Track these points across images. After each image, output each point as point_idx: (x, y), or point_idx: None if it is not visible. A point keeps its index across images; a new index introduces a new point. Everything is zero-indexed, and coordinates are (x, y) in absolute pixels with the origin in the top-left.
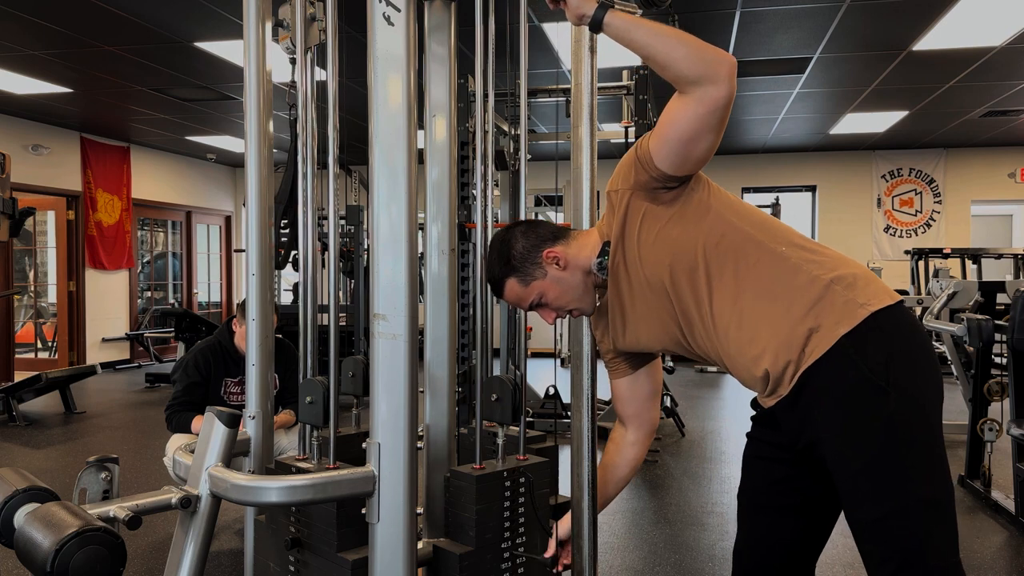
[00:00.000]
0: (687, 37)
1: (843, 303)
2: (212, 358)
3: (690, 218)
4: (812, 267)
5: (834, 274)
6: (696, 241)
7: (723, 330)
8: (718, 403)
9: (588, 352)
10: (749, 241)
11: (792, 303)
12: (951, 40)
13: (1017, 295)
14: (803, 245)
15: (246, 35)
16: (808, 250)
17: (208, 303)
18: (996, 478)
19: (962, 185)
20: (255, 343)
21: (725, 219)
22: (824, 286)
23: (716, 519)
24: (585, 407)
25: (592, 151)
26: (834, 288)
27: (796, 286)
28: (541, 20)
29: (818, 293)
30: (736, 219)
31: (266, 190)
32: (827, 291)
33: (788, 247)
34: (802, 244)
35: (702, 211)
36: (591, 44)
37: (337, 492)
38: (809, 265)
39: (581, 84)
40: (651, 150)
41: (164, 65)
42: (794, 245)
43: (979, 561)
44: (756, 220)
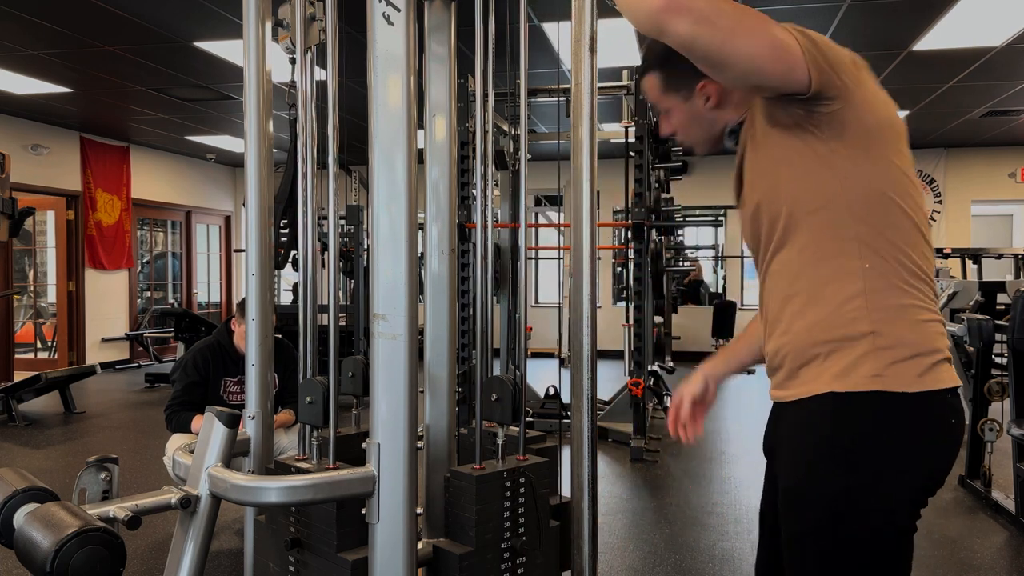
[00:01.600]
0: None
1: (861, 356)
2: (211, 358)
3: (800, 164)
4: (875, 303)
5: (882, 328)
6: (791, 195)
7: (767, 289)
8: (718, 403)
9: (588, 352)
10: (848, 237)
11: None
12: (951, 40)
13: (1017, 295)
14: (906, 276)
15: (246, 35)
16: (903, 284)
17: (208, 303)
18: (996, 478)
19: (962, 185)
20: (255, 343)
21: (845, 187)
22: (860, 329)
23: (716, 519)
24: (585, 407)
25: (592, 151)
26: (868, 339)
27: (841, 311)
28: (541, 20)
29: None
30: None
31: (266, 190)
32: (860, 337)
33: (882, 266)
34: (905, 274)
35: (820, 164)
36: (591, 44)
37: (337, 492)
38: (876, 299)
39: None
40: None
41: (164, 65)
42: (894, 272)
43: (979, 561)
44: (879, 214)
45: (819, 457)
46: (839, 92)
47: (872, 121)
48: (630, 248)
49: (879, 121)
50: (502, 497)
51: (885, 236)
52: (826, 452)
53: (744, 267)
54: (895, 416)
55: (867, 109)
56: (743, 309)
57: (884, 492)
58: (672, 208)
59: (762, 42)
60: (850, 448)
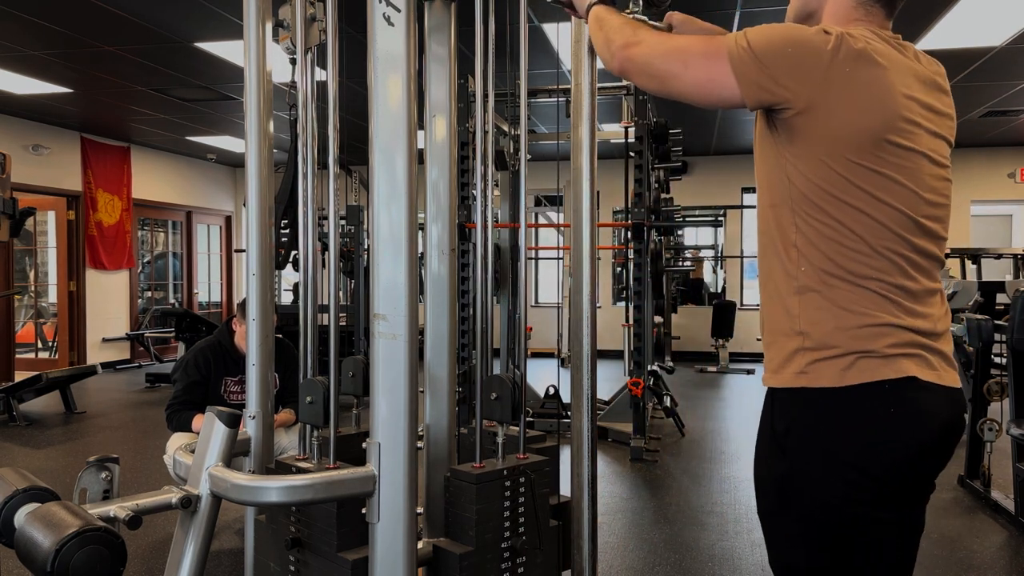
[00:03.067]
0: (606, 31)
1: (791, 354)
2: (212, 357)
3: (765, 158)
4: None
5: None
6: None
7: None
8: (718, 403)
9: (588, 352)
10: (790, 238)
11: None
12: (951, 40)
13: (1016, 295)
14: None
15: (246, 35)
16: (845, 287)
17: (208, 303)
18: (996, 478)
19: (962, 185)
20: (255, 343)
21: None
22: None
23: (716, 519)
24: (585, 407)
25: (592, 151)
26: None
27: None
28: (541, 20)
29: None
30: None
31: (266, 190)
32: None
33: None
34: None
35: (776, 163)
36: (591, 44)
37: (337, 492)
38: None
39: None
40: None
41: (164, 65)
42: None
43: (979, 561)
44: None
45: (762, 445)
46: (788, 102)
47: (840, 125)
48: (630, 248)
49: (853, 123)
50: (502, 496)
51: (832, 239)
52: (767, 441)
53: (744, 267)
54: (818, 409)
55: (834, 113)
56: (743, 309)
57: (818, 479)
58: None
59: (692, 81)
60: (783, 437)
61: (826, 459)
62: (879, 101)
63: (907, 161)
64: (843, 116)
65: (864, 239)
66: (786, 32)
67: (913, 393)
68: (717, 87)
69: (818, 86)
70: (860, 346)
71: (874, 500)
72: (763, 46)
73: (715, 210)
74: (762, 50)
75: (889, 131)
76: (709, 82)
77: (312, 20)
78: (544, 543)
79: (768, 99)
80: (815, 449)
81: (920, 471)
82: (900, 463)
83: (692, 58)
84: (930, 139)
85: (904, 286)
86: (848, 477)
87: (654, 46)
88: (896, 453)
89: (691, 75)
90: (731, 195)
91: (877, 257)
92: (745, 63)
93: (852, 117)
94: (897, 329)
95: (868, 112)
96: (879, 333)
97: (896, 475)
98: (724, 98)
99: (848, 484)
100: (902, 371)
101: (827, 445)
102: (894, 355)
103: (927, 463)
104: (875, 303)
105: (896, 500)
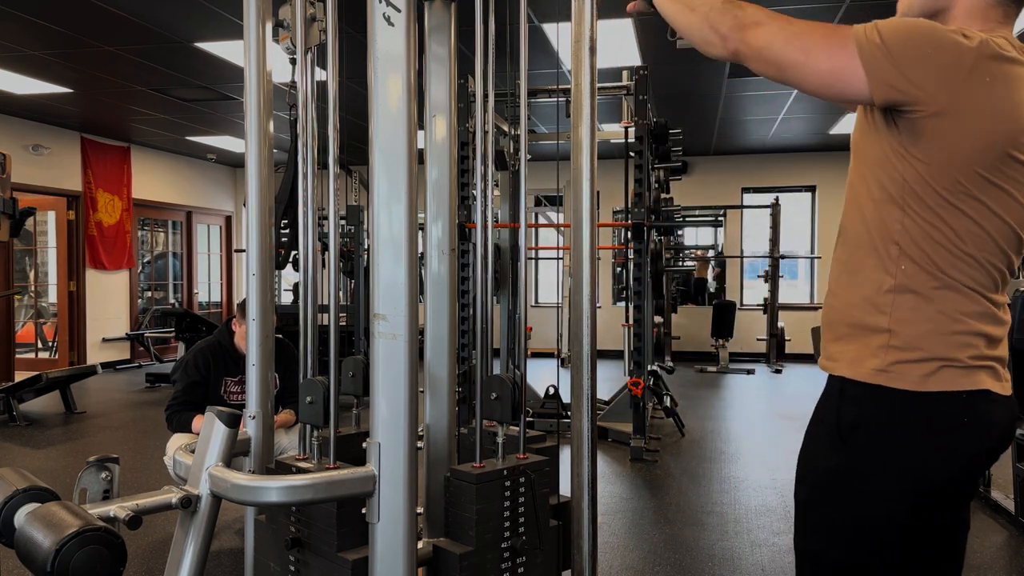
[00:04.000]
0: (703, 9)
1: (875, 349)
2: (212, 357)
3: (879, 150)
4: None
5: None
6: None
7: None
8: (718, 403)
9: (588, 352)
10: (894, 235)
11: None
12: None
13: (1017, 295)
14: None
15: (246, 35)
16: (937, 290)
17: (208, 303)
18: (996, 478)
19: None
20: (255, 343)
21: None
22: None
23: (716, 519)
24: (585, 407)
25: (592, 151)
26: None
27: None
28: (541, 20)
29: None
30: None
31: (266, 190)
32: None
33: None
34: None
35: (892, 158)
36: (591, 44)
37: (337, 492)
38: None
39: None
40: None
41: (164, 65)
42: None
43: (979, 561)
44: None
45: (818, 434)
46: (920, 103)
47: (972, 134)
48: (630, 248)
49: (985, 134)
50: (502, 496)
51: (940, 244)
52: (827, 430)
53: (743, 267)
54: (894, 409)
55: (968, 122)
56: (743, 309)
57: (878, 477)
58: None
59: (816, 71)
60: (848, 430)
61: (892, 459)
62: (1011, 114)
63: (1022, 176)
64: (977, 126)
65: (971, 249)
66: (925, 30)
67: (986, 405)
68: (842, 80)
69: (955, 92)
70: (947, 353)
71: (929, 504)
72: (900, 43)
73: (715, 210)
74: (898, 47)
75: (1015, 146)
76: (833, 74)
77: (312, 20)
78: (544, 543)
79: (898, 98)
80: (882, 447)
81: (976, 477)
82: (962, 471)
83: (816, 47)
84: None
85: (995, 299)
86: (909, 479)
87: (773, 30)
88: (961, 462)
89: (814, 65)
90: (731, 195)
91: (979, 269)
92: (877, 58)
93: (985, 128)
94: (983, 339)
95: (1001, 124)
96: (968, 343)
97: (956, 482)
98: (848, 92)
99: (907, 487)
100: (979, 383)
101: (896, 445)
102: (974, 367)
103: (983, 469)
104: (972, 313)
105: (949, 504)
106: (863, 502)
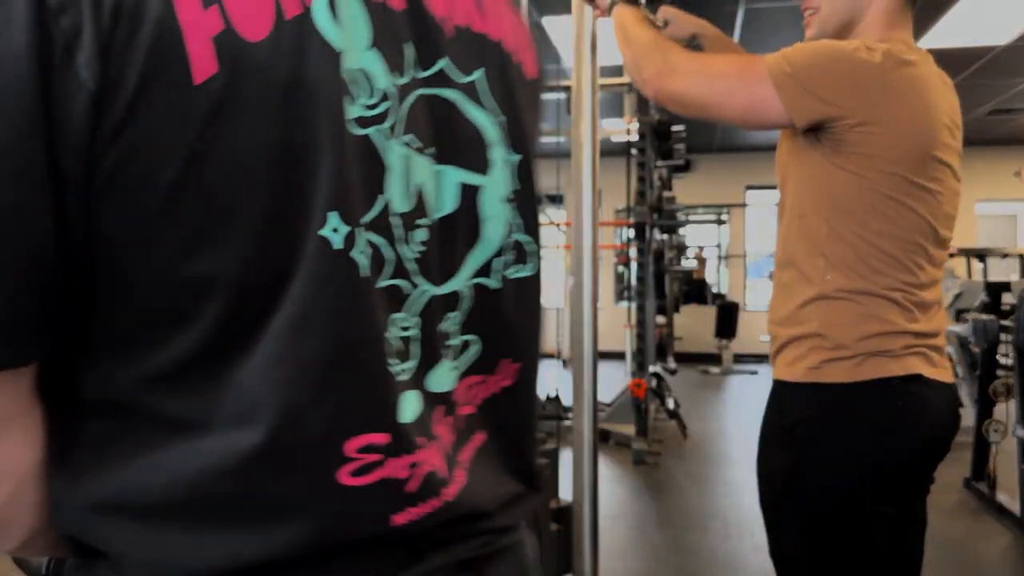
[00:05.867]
0: (633, 48)
1: (806, 351)
2: None
3: (808, 165)
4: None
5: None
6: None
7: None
8: (721, 405)
9: (589, 353)
10: (819, 248)
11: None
12: (955, 39)
13: (1022, 295)
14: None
15: None
16: (860, 293)
17: None
18: (1001, 480)
19: (967, 184)
20: None
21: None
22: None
23: (719, 523)
24: (586, 409)
25: (593, 148)
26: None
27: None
28: (541, 15)
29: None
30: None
31: None
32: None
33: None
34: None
35: (819, 170)
36: (592, 40)
37: None
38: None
39: (582, 80)
40: None
41: None
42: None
43: (984, 563)
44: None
45: (767, 438)
46: (840, 118)
47: (893, 139)
48: (632, 247)
49: (906, 139)
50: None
51: (863, 251)
52: (773, 434)
53: (746, 267)
54: (828, 402)
55: (889, 128)
56: (746, 309)
57: (823, 471)
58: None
59: (735, 107)
60: (791, 430)
61: (833, 451)
62: (927, 115)
63: (942, 175)
64: (897, 132)
65: (894, 250)
66: (830, 51)
67: (919, 389)
68: (760, 111)
69: (874, 104)
70: (875, 348)
71: (876, 493)
72: (807, 67)
73: (718, 209)
74: (806, 72)
75: (935, 146)
76: (751, 108)
77: None
78: (544, 544)
79: (818, 118)
80: (823, 441)
81: (922, 464)
82: (906, 455)
83: (734, 85)
84: (954, 153)
85: (919, 295)
86: (854, 469)
87: (689, 76)
88: (902, 445)
89: (735, 102)
90: (735, 193)
91: (903, 270)
92: (790, 86)
93: (906, 132)
94: (910, 335)
95: (919, 127)
96: (895, 339)
97: (901, 467)
98: (770, 121)
99: (853, 476)
100: (910, 368)
101: (835, 437)
102: (903, 354)
103: (929, 456)
104: (897, 312)
105: (898, 494)
106: (813, 498)
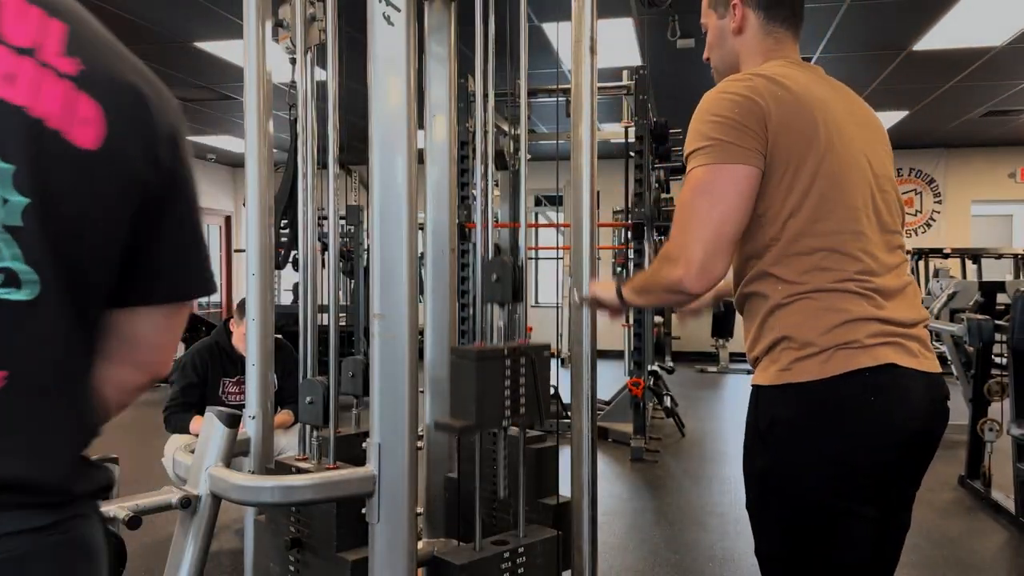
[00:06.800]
0: (649, 291)
1: (776, 355)
2: (209, 359)
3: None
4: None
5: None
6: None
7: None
8: (718, 403)
9: (588, 352)
10: (766, 267)
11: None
12: (951, 40)
13: (1017, 295)
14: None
15: (246, 35)
16: (814, 294)
17: (208, 303)
18: (996, 478)
19: (962, 185)
20: (255, 343)
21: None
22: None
23: (717, 520)
24: (585, 407)
25: (592, 151)
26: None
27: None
28: (541, 20)
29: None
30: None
31: (266, 190)
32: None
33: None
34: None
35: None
36: (591, 44)
37: (337, 492)
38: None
39: (581, 84)
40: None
41: (164, 65)
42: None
43: (979, 561)
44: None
45: (747, 442)
46: (764, 155)
47: (786, 147)
48: (630, 248)
49: (794, 143)
50: (502, 375)
51: (804, 258)
52: (752, 437)
53: None
54: (800, 402)
55: (782, 141)
56: None
57: (799, 471)
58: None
59: (724, 209)
60: (766, 432)
61: (808, 451)
62: (811, 120)
63: (846, 162)
64: (792, 140)
65: (834, 244)
66: (713, 106)
67: (893, 379)
68: (735, 192)
69: (773, 128)
70: (841, 339)
71: (855, 493)
72: (718, 132)
73: None
74: (720, 135)
75: (826, 146)
76: (742, 193)
77: (312, 20)
78: (544, 417)
79: (764, 157)
80: (797, 442)
81: (903, 460)
82: (882, 454)
83: (701, 209)
84: (862, 141)
85: (875, 282)
86: (829, 469)
87: (688, 245)
88: (877, 442)
89: (718, 211)
90: None
91: (849, 260)
92: (726, 153)
93: (794, 142)
94: (873, 321)
95: (807, 131)
96: (857, 326)
97: (877, 466)
98: (755, 185)
99: (829, 476)
100: (880, 358)
101: (809, 437)
102: (872, 344)
103: (910, 451)
104: (854, 300)
105: (879, 496)
106: (793, 497)
